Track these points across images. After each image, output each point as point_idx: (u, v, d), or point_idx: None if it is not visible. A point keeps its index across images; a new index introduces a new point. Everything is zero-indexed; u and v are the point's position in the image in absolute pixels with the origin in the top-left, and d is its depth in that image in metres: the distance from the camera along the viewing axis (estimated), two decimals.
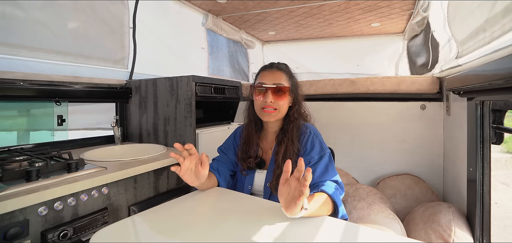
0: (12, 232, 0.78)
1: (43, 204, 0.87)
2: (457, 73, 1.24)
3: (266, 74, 1.02)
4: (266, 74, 1.02)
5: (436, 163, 1.68)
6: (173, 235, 0.69)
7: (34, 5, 1.38)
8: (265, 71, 1.04)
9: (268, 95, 0.98)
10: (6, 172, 0.92)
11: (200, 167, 0.86)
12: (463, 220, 1.17)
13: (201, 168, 0.86)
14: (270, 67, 1.04)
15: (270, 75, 1.01)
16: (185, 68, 2.48)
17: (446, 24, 1.52)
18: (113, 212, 1.11)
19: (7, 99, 1.35)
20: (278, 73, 1.01)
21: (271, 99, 0.98)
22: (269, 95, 0.98)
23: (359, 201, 1.42)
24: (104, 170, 1.09)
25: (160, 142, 1.67)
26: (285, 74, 1.02)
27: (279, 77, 1.00)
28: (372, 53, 3.57)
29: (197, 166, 0.86)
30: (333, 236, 0.69)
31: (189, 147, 0.87)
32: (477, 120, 1.11)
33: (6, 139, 1.42)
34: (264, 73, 1.03)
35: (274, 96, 0.98)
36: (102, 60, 1.74)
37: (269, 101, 0.98)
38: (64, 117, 1.53)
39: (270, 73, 1.02)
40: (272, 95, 0.98)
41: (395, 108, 1.77)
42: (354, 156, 1.88)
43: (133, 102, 1.79)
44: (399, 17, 2.83)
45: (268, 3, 2.48)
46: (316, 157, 0.94)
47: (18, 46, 1.33)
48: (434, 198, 1.57)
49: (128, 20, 1.89)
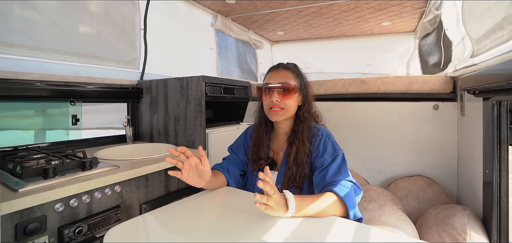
0: (31, 228, 0.81)
1: (59, 200, 0.90)
2: (472, 72, 1.21)
3: (272, 74, 1.03)
4: (272, 75, 1.02)
5: (450, 164, 1.64)
6: (183, 234, 0.70)
7: (51, 9, 1.42)
8: (271, 72, 1.04)
9: (274, 95, 0.98)
10: (25, 169, 0.95)
11: (200, 165, 0.85)
12: (479, 223, 1.13)
13: (201, 166, 0.85)
14: (276, 68, 1.05)
15: (276, 75, 1.01)
16: (194, 68, 2.51)
17: (460, 23, 1.48)
18: (125, 209, 1.13)
19: (26, 100, 1.39)
20: (284, 73, 1.01)
21: (277, 98, 0.97)
22: (275, 95, 0.98)
23: (370, 202, 1.40)
24: (117, 168, 1.12)
25: (170, 141, 1.70)
26: (292, 73, 1.02)
27: (285, 76, 1.00)
28: (383, 52, 3.52)
29: (197, 166, 0.86)
30: (344, 237, 0.68)
31: (183, 150, 0.85)
32: (493, 121, 1.07)
33: (24, 138, 1.47)
34: (271, 73, 1.03)
35: (280, 95, 0.98)
36: (114, 61, 1.78)
37: (275, 100, 0.97)
38: (78, 117, 1.57)
39: (276, 73, 1.02)
40: (278, 94, 0.98)
41: (407, 109, 1.74)
42: (364, 157, 1.86)
43: (144, 103, 1.82)
44: (411, 15, 2.77)
45: (277, 3, 2.48)
46: (329, 159, 0.93)
47: (36, 48, 1.38)
48: (448, 200, 1.53)
49: (139, 21, 1.93)
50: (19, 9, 1.30)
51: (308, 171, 0.96)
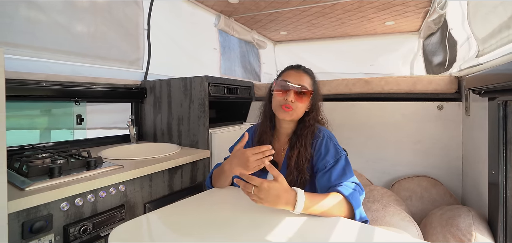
0: (37, 226, 0.82)
1: (65, 199, 0.91)
2: (477, 72, 1.19)
3: (292, 73, 1.01)
4: (292, 74, 1.01)
5: (454, 164, 1.63)
6: (187, 233, 0.71)
7: (56, 9, 1.43)
8: (291, 70, 1.03)
9: (290, 94, 0.97)
10: (31, 168, 0.96)
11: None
12: (484, 224, 1.12)
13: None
14: (297, 68, 1.04)
15: (296, 75, 1.00)
16: (197, 68, 2.52)
17: (465, 22, 1.47)
18: (129, 209, 1.14)
19: (31, 99, 1.41)
20: (304, 76, 1.01)
21: (292, 98, 0.97)
22: (291, 95, 0.97)
23: (374, 203, 1.39)
24: (121, 168, 1.12)
25: (174, 141, 1.70)
26: (310, 78, 1.02)
27: (304, 80, 1.00)
28: (386, 52, 3.49)
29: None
30: (348, 237, 0.68)
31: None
32: (499, 121, 1.06)
33: (29, 137, 1.49)
34: (290, 72, 1.02)
35: (296, 96, 0.98)
36: (118, 61, 1.79)
37: (290, 100, 0.97)
38: (83, 117, 1.59)
39: (296, 73, 1.01)
40: (294, 95, 0.97)
41: (411, 109, 1.73)
42: (368, 157, 1.85)
43: (147, 102, 1.83)
44: (415, 15, 2.75)
45: (280, 3, 2.47)
46: (331, 161, 0.92)
47: (41, 48, 1.39)
48: (453, 201, 1.52)
49: (142, 22, 1.94)
50: (25, 10, 1.32)
51: (308, 177, 0.96)
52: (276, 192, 0.74)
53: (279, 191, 0.74)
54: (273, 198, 0.73)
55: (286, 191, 0.75)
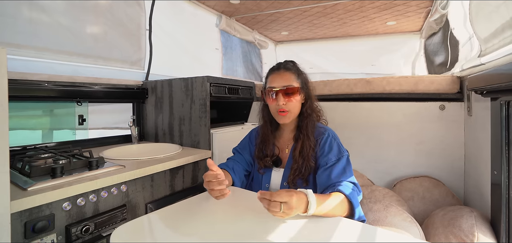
0: (40, 226, 0.82)
1: (67, 199, 0.91)
2: (480, 72, 1.19)
3: (275, 77, 1.02)
4: (274, 78, 1.02)
5: (457, 165, 1.62)
6: (188, 233, 0.71)
7: (58, 10, 1.44)
8: (273, 74, 1.04)
9: (279, 98, 0.98)
10: (34, 168, 0.96)
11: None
12: (487, 225, 1.12)
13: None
14: (277, 69, 1.04)
15: (278, 77, 1.01)
16: (199, 69, 2.52)
17: (467, 22, 1.46)
18: (131, 209, 1.14)
19: (33, 100, 1.42)
20: (286, 75, 1.01)
21: (283, 101, 0.98)
22: (280, 98, 0.98)
23: (375, 203, 1.38)
24: (123, 168, 1.13)
25: (175, 141, 1.71)
26: (293, 73, 1.02)
27: (288, 78, 1.00)
28: (388, 52, 3.48)
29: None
30: (350, 237, 0.68)
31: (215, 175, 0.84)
32: (502, 121, 1.06)
33: (32, 137, 1.50)
34: (273, 76, 1.03)
35: (286, 98, 0.99)
36: (119, 61, 1.80)
37: (282, 104, 0.98)
38: (85, 117, 1.59)
39: (278, 76, 1.02)
40: (283, 97, 0.98)
41: (413, 109, 1.72)
42: (369, 157, 1.85)
43: (149, 103, 1.84)
44: (416, 15, 2.74)
45: (281, 3, 2.47)
46: (333, 159, 0.94)
47: (44, 49, 1.40)
48: (455, 202, 1.51)
49: (144, 22, 1.95)
50: (27, 11, 1.32)
51: (313, 164, 0.98)
52: (299, 200, 0.72)
53: (299, 197, 0.73)
54: (298, 205, 0.71)
55: (299, 195, 0.73)
